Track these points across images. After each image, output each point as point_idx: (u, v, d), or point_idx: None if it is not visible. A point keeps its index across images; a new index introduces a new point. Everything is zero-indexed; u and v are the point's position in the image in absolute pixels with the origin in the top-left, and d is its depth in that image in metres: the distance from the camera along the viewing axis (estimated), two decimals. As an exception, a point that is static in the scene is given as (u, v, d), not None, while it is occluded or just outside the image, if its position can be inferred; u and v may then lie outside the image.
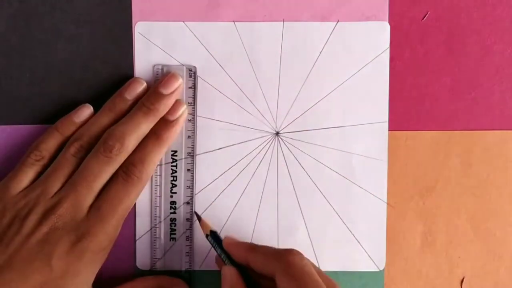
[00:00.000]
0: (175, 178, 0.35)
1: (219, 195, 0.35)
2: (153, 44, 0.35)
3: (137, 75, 0.35)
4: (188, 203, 0.35)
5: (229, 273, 0.31)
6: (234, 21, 0.35)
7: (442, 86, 0.35)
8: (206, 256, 0.35)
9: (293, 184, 0.35)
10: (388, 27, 0.35)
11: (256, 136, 0.35)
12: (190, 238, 0.35)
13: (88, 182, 0.31)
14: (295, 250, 0.29)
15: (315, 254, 0.35)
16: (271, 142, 0.35)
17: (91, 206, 0.31)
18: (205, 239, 0.33)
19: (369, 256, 0.35)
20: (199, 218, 0.34)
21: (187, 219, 0.35)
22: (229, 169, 0.35)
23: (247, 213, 0.35)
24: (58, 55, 0.35)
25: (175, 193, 0.35)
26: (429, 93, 0.35)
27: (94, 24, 0.35)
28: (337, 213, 0.35)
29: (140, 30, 0.35)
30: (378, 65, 0.35)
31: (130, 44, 0.35)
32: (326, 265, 0.35)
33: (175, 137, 0.34)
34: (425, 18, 0.35)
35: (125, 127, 0.32)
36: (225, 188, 0.35)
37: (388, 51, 0.35)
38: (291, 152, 0.35)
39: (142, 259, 0.35)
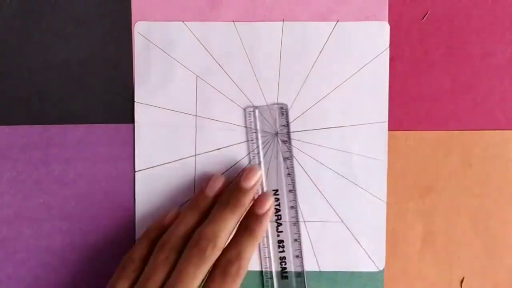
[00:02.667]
0: (279, 217, 0.35)
1: (219, 195, 0.35)
2: (153, 44, 0.35)
3: (137, 75, 0.35)
4: (295, 240, 0.35)
5: None
6: (233, 21, 0.35)
7: (442, 86, 0.35)
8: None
9: (293, 184, 0.35)
10: (387, 27, 0.35)
11: (256, 136, 0.35)
12: (301, 274, 0.35)
13: (185, 285, 0.31)
14: None
15: (315, 254, 0.35)
16: (271, 142, 0.35)
17: None
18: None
19: (369, 256, 0.35)
20: None
21: (296, 256, 0.35)
22: (229, 169, 0.35)
23: (246, 213, 0.35)
24: (58, 55, 0.35)
25: (282, 231, 0.35)
26: (429, 93, 0.35)
27: (93, 24, 0.35)
28: (336, 213, 0.35)
29: (140, 30, 0.35)
30: (377, 65, 0.35)
31: (130, 44, 0.35)
32: (326, 265, 0.35)
33: (266, 229, 0.34)
34: (425, 18, 0.35)
35: (215, 226, 0.32)
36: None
37: (387, 51, 0.35)
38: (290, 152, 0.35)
39: None
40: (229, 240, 0.32)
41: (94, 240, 0.35)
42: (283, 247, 0.35)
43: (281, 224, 0.35)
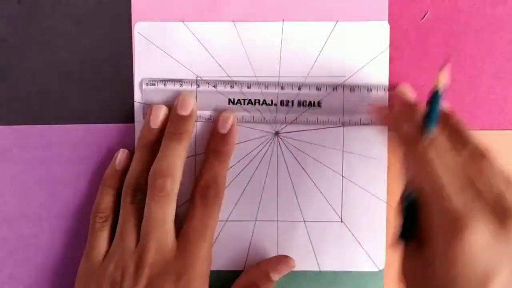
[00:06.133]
0: None
1: (219, 195, 0.35)
2: (153, 44, 0.35)
3: (137, 75, 0.35)
4: None
5: None
6: (233, 21, 0.35)
7: (442, 86, 0.35)
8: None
9: (292, 184, 0.35)
10: (387, 27, 0.35)
11: (255, 136, 0.35)
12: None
13: (159, 226, 0.31)
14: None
15: (314, 254, 0.35)
16: (271, 142, 0.35)
17: (178, 239, 0.32)
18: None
19: (369, 256, 0.35)
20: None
21: None
22: (228, 169, 0.35)
23: (246, 213, 0.35)
24: (58, 55, 0.35)
25: None
26: (428, 93, 0.35)
27: (93, 24, 0.35)
28: (336, 213, 0.35)
29: (140, 30, 0.35)
30: (377, 65, 0.35)
31: (130, 44, 0.35)
32: (326, 265, 0.35)
33: (234, 146, 0.34)
34: (424, 18, 0.35)
35: (167, 160, 0.32)
36: (225, 188, 0.35)
37: (387, 51, 0.35)
38: (290, 152, 0.35)
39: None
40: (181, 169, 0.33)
41: (94, 240, 0.35)
42: None
43: None
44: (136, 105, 0.35)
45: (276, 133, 0.35)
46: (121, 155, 0.34)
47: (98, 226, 0.33)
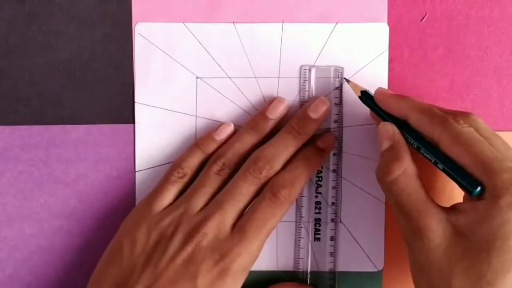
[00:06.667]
0: (320, 178, 0.35)
1: (218, 195, 0.35)
2: (153, 45, 0.35)
3: (137, 75, 0.35)
4: (333, 203, 0.35)
5: (391, 129, 0.31)
6: (233, 22, 0.35)
7: (441, 87, 0.35)
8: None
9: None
10: (387, 28, 0.35)
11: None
12: (334, 238, 0.35)
13: (235, 201, 0.31)
14: (465, 116, 0.30)
15: (313, 253, 0.35)
16: None
17: (235, 225, 0.31)
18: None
19: (368, 256, 0.35)
20: (347, 80, 0.34)
21: (332, 219, 0.35)
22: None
23: (246, 213, 0.35)
24: (58, 55, 0.35)
25: (320, 193, 0.35)
26: (427, 94, 0.35)
27: (94, 25, 0.35)
28: (335, 213, 0.35)
29: (140, 31, 0.35)
30: (377, 67, 0.35)
31: (130, 45, 0.35)
32: (325, 265, 0.35)
33: (323, 162, 0.34)
34: (423, 20, 0.35)
35: (274, 149, 0.32)
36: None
37: (387, 52, 0.35)
38: (290, 152, 0.35)
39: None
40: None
41: (94, 240, 0.36)
42: (319, 208, 0.35)
43: (321, 185, 0.35)
44: (136, 105, 0.35)
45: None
46: (225, 127, 0.34)
47: (172, 179, 0.33)
